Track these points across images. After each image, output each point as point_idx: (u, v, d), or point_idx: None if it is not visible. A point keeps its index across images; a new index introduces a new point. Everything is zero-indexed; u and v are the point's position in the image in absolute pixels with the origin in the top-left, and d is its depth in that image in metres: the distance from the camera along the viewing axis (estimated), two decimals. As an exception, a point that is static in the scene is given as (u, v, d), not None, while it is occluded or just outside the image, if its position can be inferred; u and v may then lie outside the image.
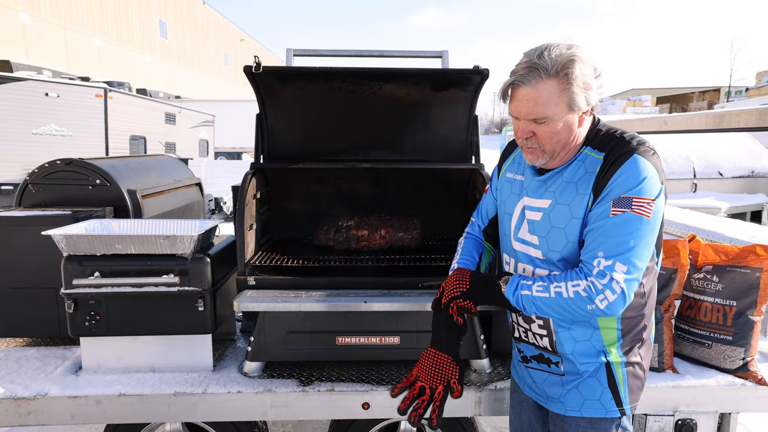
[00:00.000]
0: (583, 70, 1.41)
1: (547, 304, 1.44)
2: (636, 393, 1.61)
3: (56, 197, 2.67)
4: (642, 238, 1.37)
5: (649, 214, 1.37)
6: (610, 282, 1.36)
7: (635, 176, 1.38)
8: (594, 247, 1.40)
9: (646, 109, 23.04)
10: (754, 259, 2.26)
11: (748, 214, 8.61)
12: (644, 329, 1.61)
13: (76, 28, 21.68)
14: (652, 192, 1.39)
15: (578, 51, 1.42)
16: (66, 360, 2.36)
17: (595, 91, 1.45)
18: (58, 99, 9.89)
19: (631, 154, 1.41)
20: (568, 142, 1.50)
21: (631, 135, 1.48)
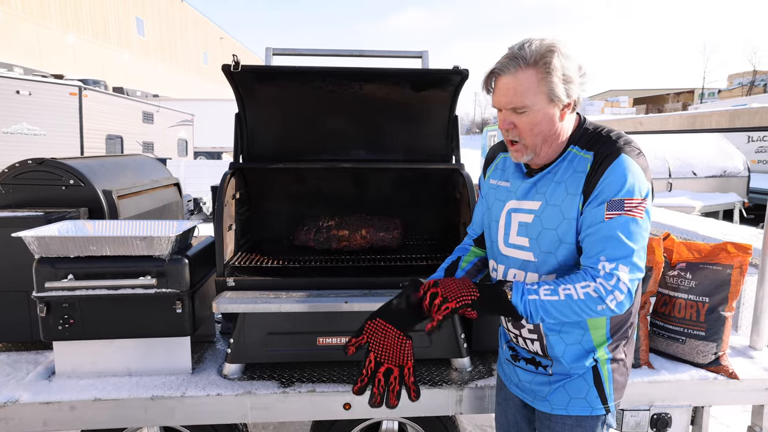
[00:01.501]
0: (563, 62, 1.42)
1: (556, 306, 1.42)
2: (620, 390, 1.63)
3: (28, 198, 2.60)
4: (639, 239, 1.41)
5: (641, 214, 1.40)
6: (618, 283, 1.38)
7: (623, 178, 1.41)
8: (596, 251, 1.42)
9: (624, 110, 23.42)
10: (725, 256, 2.32)
11: (721, 212, 8.81)
12: (630, 326, 1.64)
13: (49, 24, 21.22)
14: (642, 192, 1.42)
15: (559, 44, 1.44)
16: (38, 365, 2.30)
17: (576, 85, 1.46)
18: (30, 97, 9.67)
19: (618, 154, 1.43)
20: (549, 136, 1.50)
21: (618, 134, 1.51)
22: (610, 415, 1.61)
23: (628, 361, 1.65)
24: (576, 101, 1.50)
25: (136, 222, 2.47)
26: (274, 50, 2.75)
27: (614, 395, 1.61)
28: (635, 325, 1.69)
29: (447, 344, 2.26)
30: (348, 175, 2.98)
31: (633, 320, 1.65)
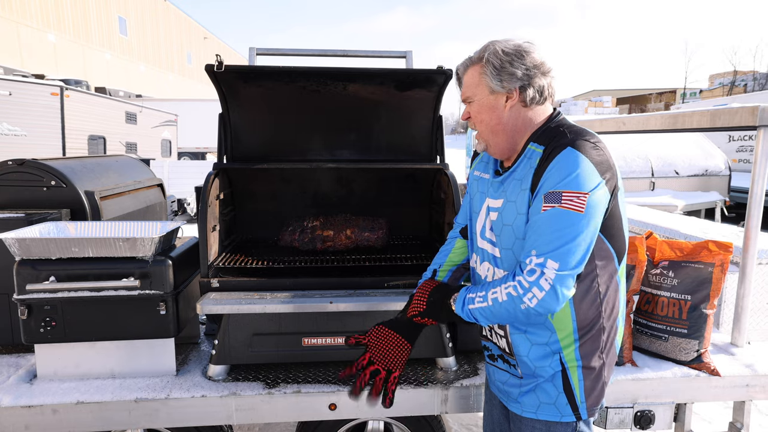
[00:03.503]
0: (500, 54, 1.49)
1: (490, 312, 1.45)
2: (595, 398, 1.57)
3: (8, 199, 2.56)
4: (574, 234, 1.35)
5: (582, 208, 1.35)
6: (539, 279, 1.35)
7: (565, 169, 1.37)
8: (530, 245, 1.40)
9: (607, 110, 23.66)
10: (707, 254, 2.34)
11: (703, 211, 8.93)
12: (604, 332, 1.55)
13: (30, 23, 20.90)
14: (585, 185, 1.36)
15: (502, 40, 1.52)
16: (19, 368, 2.27)
17: (511, 76, 1.49)
18: (11, 97, 9.52)
19: (565, 146, 1.40)
20: (494, 126, 1.56)
21: (577, 130, 1.48)
22: (582, 423, 1.58)
23: (607, 371, 1.58)
24: (526, 96, 1.52)
25: (119, 223, 2.45)
26: (258, 50, 2.74)
27: (587, 403, 1.55)
28: (616, 331, 1.59)
29: (432, 344, 2.27)
30: (333, 175, 2.99)
31: (608, 324, 1.56)
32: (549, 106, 1.59)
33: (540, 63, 1.51)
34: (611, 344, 1.58)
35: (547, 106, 1.58)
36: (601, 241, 1.47)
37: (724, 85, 28.30)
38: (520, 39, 1.54)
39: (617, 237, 1.52)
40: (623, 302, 1.62)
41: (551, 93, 1.57)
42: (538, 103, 1.54)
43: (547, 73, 1.53)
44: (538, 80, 1.51)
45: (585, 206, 1.35)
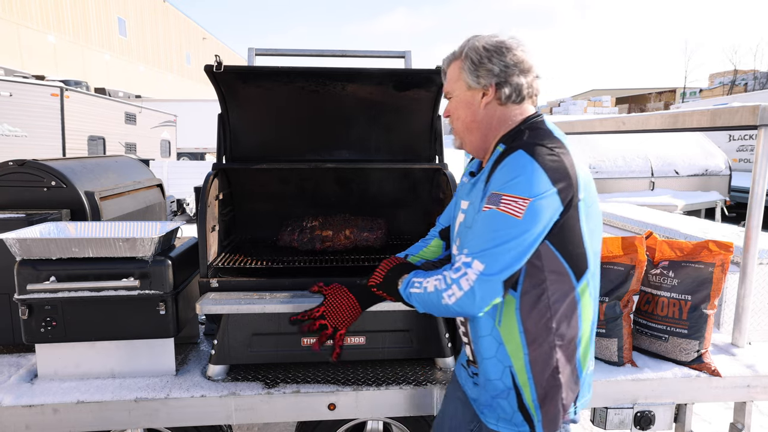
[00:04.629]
0: (479, 50, 1.48)
1: (421, 300, 1.47)
2: (552, 420, 1.49)
3: (9, 200, 2.57)
4: (507, 238, 1.31)
5: (519, 213, 1.30)
6: (461, 277, 1.33)
7: (511, 172, 1.34)
8: (465, 242, 1.39)
9: (606, 110, 23.64)
10: (707, 254, 2.33)
11: (703, 211, 8.93)
12: (557, 350, 1.45)
13: (30, 24, 20.92)
14: (530, 191, 1.31)
15: (486, 35, 1.51)
16: (20, 368, 2.28)
17: (489, 72, 1.47)
18: (11, 98, 9.54)
19: (517, 149, 1.36)
20: (470, 123, 1.56)
21: (540, 134, 1.43)
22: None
23: (565, 393, 1.48)
24: (503, 93, 1.49)
25: (119, 223, 2.45)
26: (257, 50, 2.75)
27: (543, 423, 1.48)
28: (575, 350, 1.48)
29: (431, 344, 2.28)
30: (332, 175, 2.99)
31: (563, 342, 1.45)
32: (528, 106, 1.55)
33: (520, 61, 1.47)
34: (571, 365, 1.49)
35: (525, 106, 1.54)
36: (552, 254, 1.40)
37: (725, 85, 28.29)
38: (506, 35, 1.51)
39: (575, 254, 1.44)
40: (588, 323, 1.52)
41: (531, 93, 1.53)
42: (515, 102, 1.51)
43: (527, 71, 1.49)
44: (515, 78, 1.48)
45: (524, 212, 1.30)
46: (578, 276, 1.45)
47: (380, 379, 2.20)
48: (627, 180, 9.12)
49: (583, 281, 1.47)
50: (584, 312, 1.48)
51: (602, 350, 2.36)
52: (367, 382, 2.17)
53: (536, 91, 1.54)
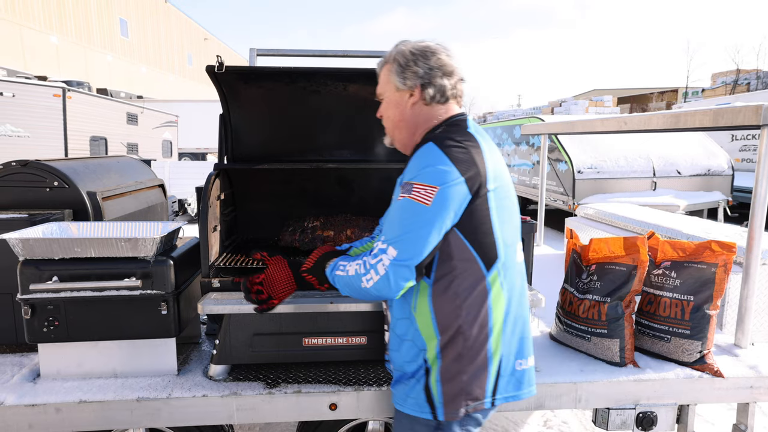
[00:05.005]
0: (406, 54, 1.59)
1: (344, 282, 1.53)
2: (453, 404, 1.52)
3: (12, 200, 2.58)
4: (418, 225, 1.38)
5: (428, 201, 1.38)
6: (377, 263, 1.40)
7: (421, 161, 1.43)
8: (384, 230, 1.47)
9: (608, 110, 23.58)
10: (709, 254, 2.33)
11: (705, 211, 8.91)
12: (462, 337, 1.50)
13: (32, 25, 20.97)
14: (438, 180, 1.39)
15: (414, 41, 1.62)
16: (23, 367, 2.29)
17: (414, 74, 1.58)
18: (14, 99, 9.56)
19: (427, 141, 1.48)
20: (398, 122, 1.65)
21: (453, 129, 1.54)
22: (445, 429, 1.55)
23: (467, 380, 1.51)
24: (427, 94, 1.59)
25: (121, 223, 2.46)
26: (259, 51, 2.75)
27: (444, 406, 1.52)
28: (484, 341, 1.51)
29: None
30: (333, 175, 2.99)
31: (472, 331, 1.50)
32: (453, 106, 1.65)
33: (443, 64, 1.59)
34: (474, 353, 1.51)
35: (450, 105, 1.64)
36: (461, 242, 1.47)
37: (727, 84, 28.20)
38: (431, 41, 1.63)
39: (484, 243, 1.49)
40: (500, 313, 1.54)
41: (456, 94, 1.64)
42: (440, 102, 1.61)
43: (450, 74, 1.60)
44: (438, 80, 1.58)
45: (433, 199, 1.38)
46: (488, 265, 1.51)
47: (381, 379, 2.21)
48: (629, 180, 9.11)
49: (494, 270, 1.52)
50: (495, 302, 1.53)
51: (604, 351, 2.36)
52: (368, 382, 2.18)
53: (460, 93, 1.66)
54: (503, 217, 1.53)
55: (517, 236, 1.63)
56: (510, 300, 1.56)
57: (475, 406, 1.53)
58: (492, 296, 1.52)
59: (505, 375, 1.56)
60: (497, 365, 1.54)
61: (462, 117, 1.63)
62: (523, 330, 1.62)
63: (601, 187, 9.08)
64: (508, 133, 13.08)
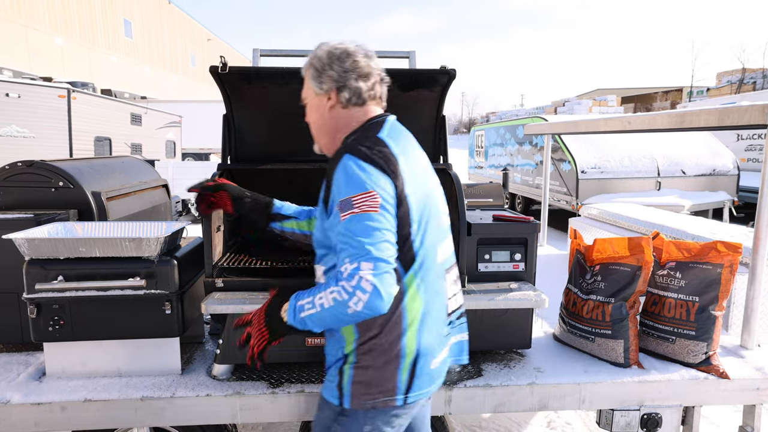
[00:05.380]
0: (322, 58, 1.59)
1: (320, 318, 1.44)
2: (359, 396, 1.53)
3: (18, 200, 2.59)
4: (376, 233, 1.38)
5: (375, 207, 1.39)
6: (359, 282, 1.35)
7: (347, 175, 1.43)
8: (341, 254, 1.41)
9: (611, 109, 23.53)
10: (715, 255, 2.32)
11: (710, 211, 8.89)
12: (372, 332, 1.52)
13: (38, 27, 21.08)
14: (367, 185, 1.41)
15: (332, 43, 1.61)
16: (29, 366, 2.30)
17: (330, 78, 1.58)
18: (20, 99, 9.62)
19: (343, 153, 1.48)
20: (320, 126, 1.67)
21: (363, 135, 1.54)
22: (349, 417, 1.56)
23: (373, 374, 1.52)
24: (342, 97, 1.59)
25: (125, 223, 2.47)
26: (262, 51, 2.75)
27: (350, 397, 1.54)
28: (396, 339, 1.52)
29: (436, 342, 2.28)
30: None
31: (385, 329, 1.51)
32: (372, 108, 1.65)
33: (358, 66, 1.58)
34: (386, 350, 1.52)
35: (369, 107, 1.64)
36: None
37: (732, 83, 28.07)
38: (351, 43, 1.62)
39: (403, 246, 1.49)
40: (415, 314, 1.54)
41: (374, 95, 1.64)
42: (357, 105, 1.61)
43: (366, 76, 1.60)
44: (353, 82, 1.58)
45: (378, 204, 1.39)
46: (405, 267, 1.51)
47: (385, 378, 2.20)
48: (633, 180, 9.09)
49: (411, 272, 1.52)
50: (410, 302, 1.53)
51: (608, 351, 2.35)
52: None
53: (379, 94, 1.66)
54: (422, 219, 1.53)
55: (440, 237, 1.63)
56: (427, 301, 1.56)
57: (386, 401, 1.53)
58: (408, 297, 1.52)
59: (422, 375, 1.56)
60: (411, 364, 1.54)
61: (379, 119, 1.63)
62: (439, 331, 1.62)
63: (604, 187, 9.06)
64: (511, 133, 13.06)
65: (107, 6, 26.67)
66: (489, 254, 2.40)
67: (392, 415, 1.56)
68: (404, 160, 1.51)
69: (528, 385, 2.21)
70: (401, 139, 1.60)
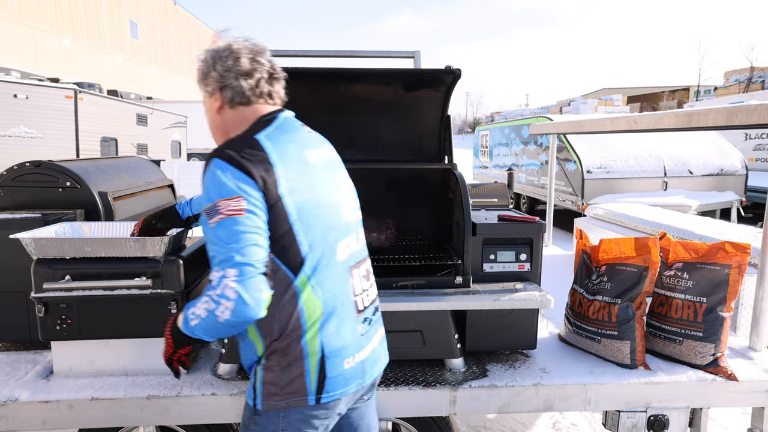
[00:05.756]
0: (207, 60, 1.59)
1: (204, 327, 1.43)
2: (271, 396, 1.53)
3: (26, 200, 2.61)
4: (240, 237, 1.36)
5: (239, 211, 1.37)
6: (224, 290, 1.34)
7: (213, 180, 1.40)
8: (211, 260, 1.41)
9: (617, 109, 23.44)
10: (723, 255, 2.31)
11: (718, 211, 8.83)
12: (273, 335, 1.51)
13: (45, 28, 21.19)
14: (233, 190, 1.38)
15: (218, 45, 1.59)
16: (37, 365, 2.32)
17: (213, 79, 1.58)
18: (27, 100, 9.67)
19: (211, 158, 1.44)
20: (213, 127, 1.67)
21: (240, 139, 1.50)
22: (263, 416, 1.55)
23: (277, 375, 1.52)
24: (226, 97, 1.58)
25: (132, 223, 2.48)
26: (270, 52, 2.76)
27: (262, 398, 1.53)
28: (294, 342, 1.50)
29: (441, 345, 2.28)
30: (342, 175, 2.99)
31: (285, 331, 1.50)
32: (261, 106, 1.62)
33: (237, 65, 1.56)
34: (288, 350, 1.51)
35: (256, 106, 1.61)
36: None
37: (741, 82, 27.89)
38: (235, 40, 1.60)
39: (287, 249, 1.47)
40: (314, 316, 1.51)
41: (260, 93, 1.60)
42: (243, 104, 1.60)
43: (248, 74, 1.57)
44: (234, 81, 1.56)
45: (243, 208, 1.37)
46: (294, 270, 1.48)
47: (389, 379, 2.21)
48: (639, 180, 9.05)
49: (302, 275, 1.49)
50: (307, 303, 1.50)
51: (614, 352, 2.35)
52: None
53: (267, 91, 1.62)
54: (309, 220, 1.49)
55: (339, 235, 1.58)
56: (327, 301, 1.53)
57: (297, 402, 1.52)
58: (303, 298, 1.49)
59: (333, 375, 1.54)
60: (318, 364, 1.52)
61: (267, 118, 1.60)
62: (352, 329, 1.59)
63: (610, 187, 9.03)
64: (516, 132, 13.03)
65: (113, 7, 26.80)
66: (494, 254, 2.40)
67: (308, 415, 1.54)
68: (282, 159, 1.46)
69: (533, 385, 2.20)
70: (287, 138, 1.55)
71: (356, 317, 1.61)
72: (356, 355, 1.59)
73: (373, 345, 1.66)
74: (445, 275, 2.34)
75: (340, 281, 1.58)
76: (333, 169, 1.69)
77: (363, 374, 1.61)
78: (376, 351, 1.68)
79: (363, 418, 1.79)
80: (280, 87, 1.67)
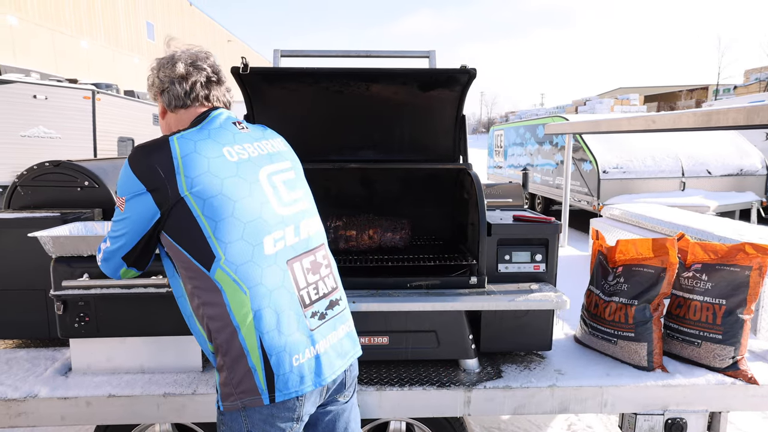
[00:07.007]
0: (153, 68, 1.73)
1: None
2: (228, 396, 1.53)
3: (45, 199, 2.65)
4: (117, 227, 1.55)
5: (122, 209, 1.53)
6: (100, 250, 1.64)
7: (120, 177, 1.55)
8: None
9: (634, 108, 23.14)
10: (743, 257, 2.27)
11: (737, 212, 8.70)
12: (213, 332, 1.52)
13: (64, 30, 21.51)
14: (124, 191, 1.52)
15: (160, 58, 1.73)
16: (56, 361, 2.35)
17: (155, 86, 1.72)
18: (47, 101, 9.81)
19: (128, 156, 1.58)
20: (163, 132, 1.73)
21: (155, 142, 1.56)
22: (227, 417, 1.55)
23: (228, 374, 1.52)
24: (164, 102, 1.71)
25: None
26: (282, 52, 2.77)
27: (221, 399, 1.54)
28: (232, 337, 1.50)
29: (455, 345, 2.27)
30: (356, 175, 3.00)
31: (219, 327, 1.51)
32: (198, 109, 1.69)
33: (175, 71, 1.67)
34: (228, 348, 1.51)
35: (195, 109, 1.69)
36: (175, 247, 1.52)
37: (761, 81, 27.38)
38: (174, 50, 1.72)
39: (197, 245, 1.48)
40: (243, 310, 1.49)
41: (196, 97, 1.68)
42: (181, 107, 1.69)
43: (183, 78, 1.67)
44: (170, 86, 1.68)
45: (124, 208, 1.53)
46: (206, 265, 1.48)
47: (404, 379, 2.21)
48: (656, 180, 8.94)
49: (217, 269, 1.48)
50: (232, 300, 1.49)
51: (631, 354, 2.32)
52: (390, 382, 2.18)
53: (202, 95, 1.69)
54: (219, 216, 1.48)
55: (268, 228, 1.55)
56: (255, 296, 1.50)
57: (252, 401, 1.50)
58: (227, 294, 1.48)
59: (282, 372, 1.50)
60: (262, 362, 1.49)
61: (198, 118, 1.67)
62: (298, 325, 1.54)
63: (627, 187, 8.93)
64: (531, 132, 12.95)
65: (130, 9, 27.12)
66: (509, 255, 2.38)
67: (268, 415, 1.52)
68: (189, 159, 1.49)
69: (548, 387, 2.19)
70: (205, 136, 1.57)
71: (302, 312, 1.56)
72: (305, 351, 1.54)
73: (330, 341, 1.61)
74: (459, 275, 2.34)
75: (273, 275, 1.53)
76: (264, 163, 1.65)
77: (320, 372, 1.56)
78: (336, 347, 1.62)
79: (338, 420, 1.74)
80: (219, 90, 1.74)
